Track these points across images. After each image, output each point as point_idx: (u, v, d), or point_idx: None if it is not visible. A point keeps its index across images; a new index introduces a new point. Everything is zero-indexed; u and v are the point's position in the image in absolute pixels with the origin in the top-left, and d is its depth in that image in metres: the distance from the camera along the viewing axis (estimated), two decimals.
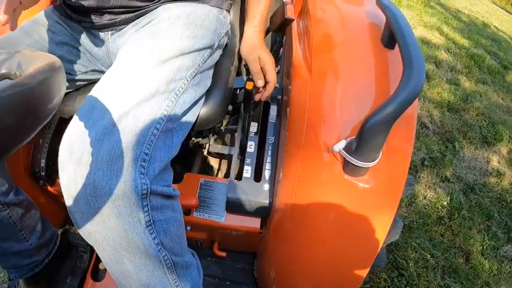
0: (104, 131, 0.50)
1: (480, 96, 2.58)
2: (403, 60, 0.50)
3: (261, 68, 0.79)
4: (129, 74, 0.57)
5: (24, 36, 0.70)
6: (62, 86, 0.30)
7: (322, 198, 0.58)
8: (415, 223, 1.51)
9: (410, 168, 1.81)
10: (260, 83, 0.78)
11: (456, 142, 2.02)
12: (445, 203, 1.64)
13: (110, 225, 0.51)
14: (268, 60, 0.79)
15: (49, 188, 0.91)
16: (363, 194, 0.56)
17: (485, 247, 1.49)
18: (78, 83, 0.78)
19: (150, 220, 0.53)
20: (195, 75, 0.65)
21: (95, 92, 0.56)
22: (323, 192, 0.58)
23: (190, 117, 0.66)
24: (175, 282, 0.59)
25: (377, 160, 0.52)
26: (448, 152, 1.94)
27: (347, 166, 0.54)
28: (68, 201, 0.51)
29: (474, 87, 2.70)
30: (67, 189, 0.51)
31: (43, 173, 0.86)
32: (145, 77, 0.57)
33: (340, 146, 0.51)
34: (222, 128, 1.03)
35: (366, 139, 0.48)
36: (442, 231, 1.51)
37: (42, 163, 0.85)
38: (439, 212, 1.60)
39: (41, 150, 0.86)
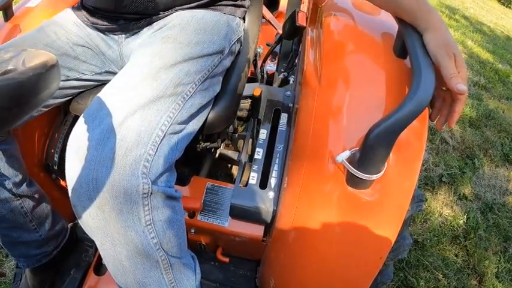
0: (110, 130, 0.51)
1: (503, 112, 2.49)
2: (412, 71, 0.49)
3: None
4: (137, 76, 0.58)
5: (42, 36, 0.72)
6: (52, 82, 0.31)
7: (323, 210, 0.56)
8: (428, 241, 1.46)
9: (427, 184, 1.77)
10: (463, 87, 0.50)
11: (476, 159, 1.95)
12: (461, 221, 1.58)
13: (110, 221, 0.52)
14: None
15: (61, 182, 0.94)
16: (366, 208, 0.54)
17: (500, 270, 1.42)
18: (91, 83, 0.80)
19: (150, 220, 0.54)
20: (204, 80, 0.66)
21: (104, 92, 0.57)
22: (325, 204, 0.56)
23: (197, 121, 0.66)
24: (171, 283, 0.60)
25: (381, 173, 0.50)
26: (468, 169, 1.87)
27: (350, 178, 0.52)
28: (72, 195, 0.53)
29: (497, 103, 2.60)
30: (71, 184, 0.52)
31: (56, 167, 0.89)
32: (154, 79, 0.58)
33: (343, 156, 0.50)
34: (236, 134, 1.03)
35: (369, 150, 0.47)
36: (457, 251, 1.46)
37: (56, 157, 0.88)
38: (454, 230, 1.54)
39: (55, 145, 0.89)
